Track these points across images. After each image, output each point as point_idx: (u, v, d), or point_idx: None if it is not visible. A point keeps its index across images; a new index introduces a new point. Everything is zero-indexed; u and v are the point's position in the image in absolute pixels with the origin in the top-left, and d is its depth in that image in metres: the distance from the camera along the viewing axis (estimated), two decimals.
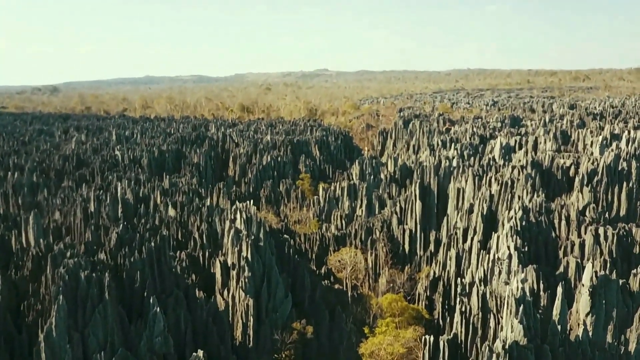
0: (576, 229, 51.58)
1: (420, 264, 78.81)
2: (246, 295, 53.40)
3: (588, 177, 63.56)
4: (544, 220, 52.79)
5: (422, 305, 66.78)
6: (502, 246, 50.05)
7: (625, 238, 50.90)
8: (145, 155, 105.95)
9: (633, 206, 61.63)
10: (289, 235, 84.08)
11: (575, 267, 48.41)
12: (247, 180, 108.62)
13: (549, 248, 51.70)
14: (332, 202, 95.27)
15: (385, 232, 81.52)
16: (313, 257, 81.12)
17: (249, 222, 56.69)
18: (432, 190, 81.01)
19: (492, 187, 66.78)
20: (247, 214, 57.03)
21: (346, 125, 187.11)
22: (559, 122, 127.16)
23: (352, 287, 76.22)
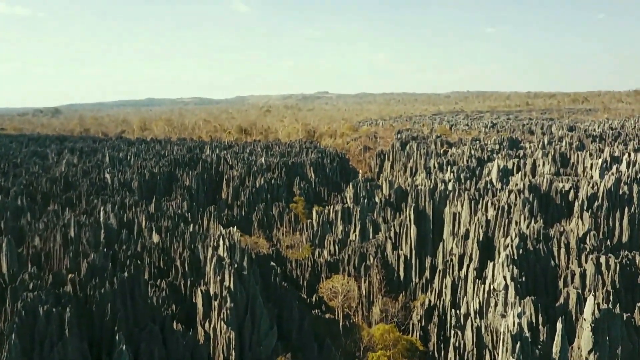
0: (576, 258, 48.64)
1: (415, 291, 75.60)
2: (228, 327, 50.27)
3: (588, 201, 60.82)
4: (543, 248, 49.89)
5: (416, 335, 63.43)
6: (498, 276, 47.09)
7: (628, 267, 47.92)
8: (136, 178, 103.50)
9: (636, 232, 58.73)
10: (280, 261, 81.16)
11: (576, 299, 45.33)
12: (239, 204, 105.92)
13: (548, 278, 48.69)
14: (326, 226, 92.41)
15: (380, 258, 78.49)
16: (304, 285, 77.99)
17: (232, 250, 53.82)
18: (428, 214, 78.17)
19: (488, 212, 63.98)
20: (231, 240, 54.20)
21: (343, 147, 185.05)
22: (558, 144, 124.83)
23: (345, 315, 72.96)
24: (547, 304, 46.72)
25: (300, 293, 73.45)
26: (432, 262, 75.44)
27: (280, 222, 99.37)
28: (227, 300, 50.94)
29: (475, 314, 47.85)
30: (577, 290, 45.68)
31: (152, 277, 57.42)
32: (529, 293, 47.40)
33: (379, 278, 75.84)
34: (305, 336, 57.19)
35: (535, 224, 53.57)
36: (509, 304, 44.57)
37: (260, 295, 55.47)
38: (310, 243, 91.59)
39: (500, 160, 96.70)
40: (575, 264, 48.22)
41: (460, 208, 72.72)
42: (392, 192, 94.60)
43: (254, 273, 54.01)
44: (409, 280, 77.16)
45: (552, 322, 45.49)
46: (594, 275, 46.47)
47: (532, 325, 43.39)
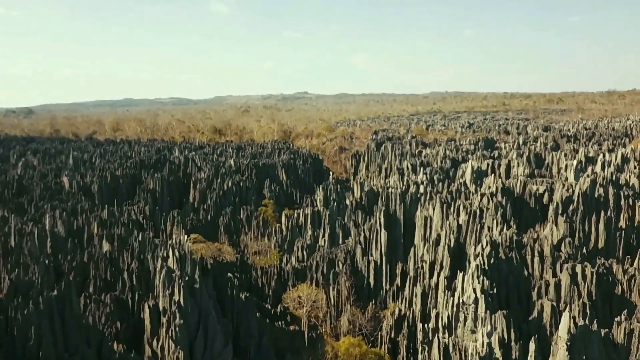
0: (551, 267, 45.23)
1: (386, 299, 71.84)
2: (177, 346, 45.70)
3: (563, 205, 57.68)
4: (515, 257, 46.39)
5: (385, 348, 59.62)
6: (467, 288, 43.40)
7: (605, 276, 44.66)
8: (96, 182, 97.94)
9: (612, 237, 55.70)
10: (245, 269, 76.72)
11: (550, 312, 41.85)
12: (206, 207, 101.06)
13: (522, 289, 45.19)
14: (295, 231, 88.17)
15: (349, 265, 74.58)
16: (270, 294, 73.70)
17: (182, 261, 49.26)
18: (398, 218, 74.49)
19: (460, 217, 60.46)
20: (181, 250, 49.64)
21: (319, 147, 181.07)
22: (533, 144, 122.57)
23: (311, 326, 68.82)
24: (521, 318, 43.20)
25: (264, 303, 69.15)
26: (404, 269, 71.76)
27: (248, 227, 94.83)
28: (177, 317, 46.38)
29: (443, 329, 44.10)
30: (552, 303, 42.24)
31: (98, 291, 52.52)
32: (501, 306, 43.82)
33: (347, 286, 71.93)
34: (264, 352, 52.92)
35: (507, 231, 50.09)
36: (479, 319, 40.91)
37: (216, 309, 51.04)
38: (278, 249, 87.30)
39: (475, 162, 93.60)
40: (550, 273, 44.81)
41: (431, 212, 69.17)
42: (363, 195, 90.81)
43: (206, 286, 49.50)
44: (380, 288, 73.40)
45: (526, 337, 41.98)
46: (570, 285, 43.08)
47: (503, 342, 39.78)
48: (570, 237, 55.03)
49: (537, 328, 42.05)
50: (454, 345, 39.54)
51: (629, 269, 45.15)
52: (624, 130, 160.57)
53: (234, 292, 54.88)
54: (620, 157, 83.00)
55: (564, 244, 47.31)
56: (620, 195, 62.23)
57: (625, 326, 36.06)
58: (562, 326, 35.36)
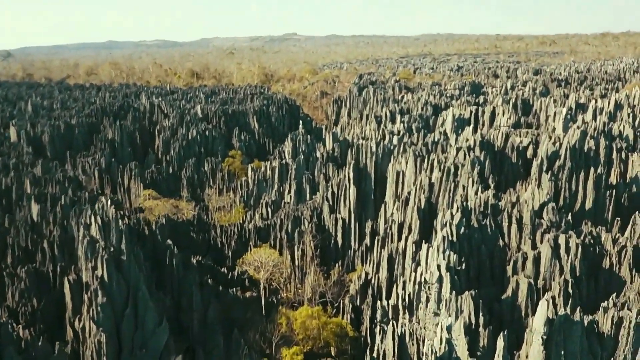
0: (530, 237, 38.67)
1: (354, 260, 65.91)
2: (98, 328, 39.44)
3: (548, 161, 50.73)
4: (490, 224, 39.70)
5: (347, 318, 54.00)
6: (432, 263, 36.90)
7: (592, 247, 38.24)
8: (48, 131, 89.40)
9: (601, 197, 49.12)
10: (203, 228, 70.13)
11: (527, 291, 35.66)
12: (169, 159, 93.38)
13: (495, 262, 38.80)
14: (262, 185, 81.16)
15: (315, 223, 68.13)
16: (229, 255, 67.52)
17: (106, 229, 42.22)
18: (369, 172, 67.43)
19: (433, 174, 53.45)
20: (104, 217, 42.50)
21: (299, 92, 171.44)
22: (521, 89, 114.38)
23: (273, 291, 63.07)
24: (492, 296, 37.01)
25: (221, 267, 62.97)
26: (374, 227, 65.45)
27: (212, 180, 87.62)
28: (99, 295, 39.86)
29: (404, 309, 37.94)
30: (529, 280, 35.96)
31: (18, 262, 45.73)
32: (470, 283, 37.52)
33: (312, 246, 65.73)
34: (209, 327, 47.03)
35: (482, 194, 43.18)
36: (444, 301, 34.63)
37: (149, 283, 44.59)
38: (243, 204, 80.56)
39: (457, 109, 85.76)
40: (529, 244, 38.30)
41: (404, 166, 62.06)
42: (336, 146, 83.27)
43: (136, 258, 42.71)
44: (348, 248, 67.30)
45: (497, 321, 35.92)
46: (551, 260, 36.67)
47: (470, 328, 33.68)
48: (555, 198, 48.40)
49: (510, 309, 35.98)
50: (410, 334, 33.43)
51: (619, 239, 38.74)
52: (617, 74, 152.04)
53: (173, 262, 48.31)
54: (614, 104, 75.49)
55: (547, 209, 40.60)
56: (613, 147, 55.28)
57: (614, 314, 29.85)
58: (538, 316, 29.08)
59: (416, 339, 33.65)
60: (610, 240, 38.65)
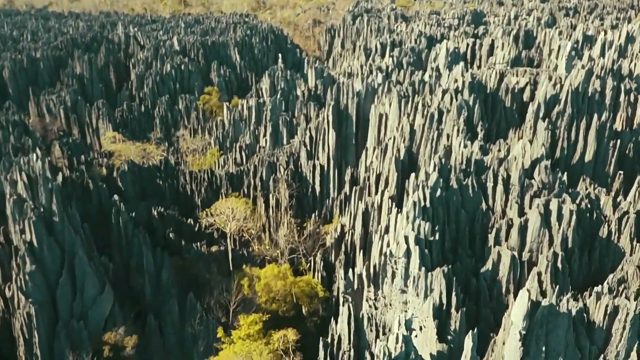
0: (517, 201, 33.10)
1: (332, 210, 60.93)
2: (27, 299, 34.96)
3: (546, 106, 44.20)
4: (473, 185, 34.01)
5: (318, 276, 49.73)
6: (401, 232, 31.61)
7: (588, 213, 32.79)
8: (8, 66, 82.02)
9: (604, 149, 43.10)
10: (171, 174, 64.70)
11: (510, 265, 30.61)
12: (142, 95, 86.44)
13: (477, 229, 33.55)
14: (238, 126, 74.81)
15: (292, 170, 62.57)
16: (199, 203, 62.53)
17: (34, 187, 36.76)
18: (350, 115, 61.01)
19: (416, 120, 47.20)
20: (32, 172, 36.91)
21: (290, 21, 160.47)
22: (525, 18, 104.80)
23: (243, 243, 58.61)
24: (470, 270, 32.05)
25: (187, 218, 58.15)
26: (354, 175, 59.97)
27: (187, 120, 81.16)
28: (27, 263, 35.08)
29: (369, 282, 33.10)
30: (513, 253, 30.82)
31: None
32: (445, 255, 32.41)
33: (286, 196, 60.57)
34: (163, 291, 42.72)
35: (465, 149, 37.12)
36: (411, 277, 29.64)
37: (89, 245, 39.73)
38: (219, 147, 74.65)
39: (452, 41, 77.63)
40: (515, 210, 32.79)
41: (387, 108, 55.56)
42: (319, 83, 76.04)
43: (72, 219, 37.52)
44: (326, 197, 62.17)
45: (475, 297, 31.16)
46: (539, 229, 31.32)
47: (441, 310, 28.93)
48: (552, 149, 42.40)
49: (489, 285, 31.11)
50: (369, 319, 28.71)
51: (620, 203, 33.15)
52: (630, 1, 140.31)
53: (120, 219, 43.14)
54: (625, 36, 67.38)
55: (539, 168, 34.66)
56: (621, 89, 48.44)
57: (608, 303, 24.83)
58: (517, 308, 24.08)
59: (375, 326, 29.00)
60: (610, 205, 33.11)
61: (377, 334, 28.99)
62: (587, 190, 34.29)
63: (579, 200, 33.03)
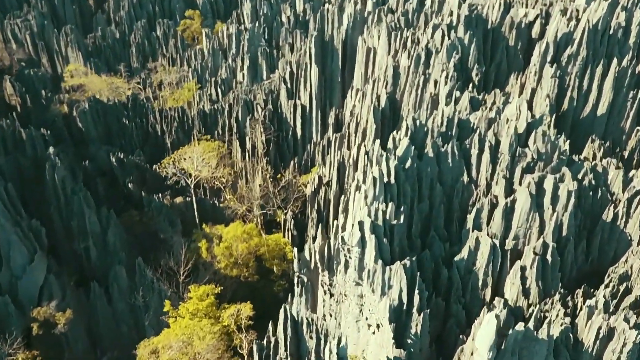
0: (506, 174, 26.85)
1: (314, 157, 54.86)
2: None
3: (556, 47, 36.43)
4: (453, 153, 27.68)
5: (288, 235, 44.82)
6: (359, 212, 25.87)
7: (592, 191, 26.60)
8: None
9: (621, 100, 35.85)
10: (140, 112, 58.52)
11: (489, 255, 25.08)
12: (118, 19, 78.34)
13: (455, 206, 27.68)
14: (218, 56, 67.29)
15: (270, 110, 55.97)
16: (168, 146, 56.84)
17: None
18: (336, 48, 53.34)
19: (401, 60, 39.92)
20: None
21: None
22: None
23: (215, 192, 53.44)
24: (442, 258, 26.61)
25: (151, 165, 52.78)
26: (339, 118, 53.37)
27: (165, 48, 73.52)
28: None
29: (322, 265, 27.92)
30: (493, 241, 25.16)
31: None
32: (412, 241, 26.81)
33: (263, 140, 54.50)
34: (110, 256, 38.24)
35: (447, 107, 30.27)
36: (366, 270, 24.33)
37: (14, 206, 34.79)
38: (197, 80, 67.65)
39: None
40: (502, 186, 26.66)
41: (376, 42, 47.82)
42: (307, 7, 67.15)
43: None
44: (308, 140, 55.95)
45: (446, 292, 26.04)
46: (529, 212, 25.38)
47: (400, 311, 23.86)
48: (558, 101, 35.35)
49: (464, 278, 25.78)
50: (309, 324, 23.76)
51: (633, 179, 26.79)
52: None
53: (54, 171, 37.66)
54: None
55: (535, 135, 27.90)
56: None
57: (602, 325, 19.41)
58: (482, 335, 18.75)
59: (316, 332, 24.12)
60: (619, 181, 26.76)
61: (318, 342, 24.25)
62: (594, 161, 27.76)
63: (581, 175, 26.71)
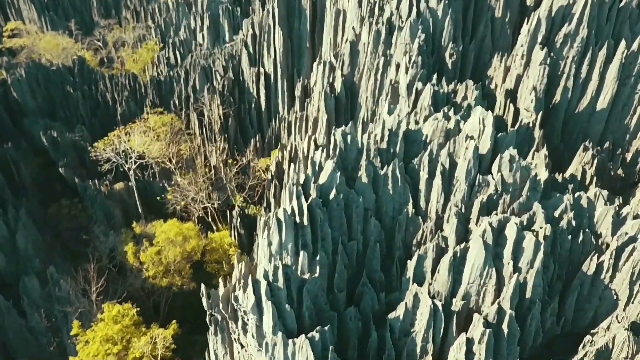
0: (461, 208, 20.38)
1: (280, 134, 48.13)
2: None
3: (550, 25, 28.67)
4: (395, 177, 21.14)
5: (234, 233, 39.09)
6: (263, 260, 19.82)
7: (572, 233, 20.28)
8: None
9: (627, 92, 28.49)
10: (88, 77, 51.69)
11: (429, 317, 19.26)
12: None
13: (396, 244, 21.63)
14: (184, 11, 59.25)
15: (231, 79, 48.79)
16: (118, 117, 50.30)
17: None
18: (304, 8, 45.52)
19: (361, 35, 32.61)
20: None
21: None
22: None
23: (165, 173, 47.30)
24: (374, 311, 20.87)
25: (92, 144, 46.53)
26: (307, 89, 46.18)
27: (126, 9, 65.13)
28: None
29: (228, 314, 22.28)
30: (434, 302, 19.19)
31: None
32: (333, 299, 20.91)
33: (220, 114, 47.78)
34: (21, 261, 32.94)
35: (390, 116, 23.34)
36: (266, 338, 18.62)
37: None
38: (160, 38, 60.03)
39: None
40: (453, 225, 20.26)
41: (346, 4, 39.99)
42: None
43: None
44: (273, 115, 49.09)
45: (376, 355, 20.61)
46: (483, 266, 19.25)
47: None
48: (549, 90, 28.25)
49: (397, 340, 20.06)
50: None
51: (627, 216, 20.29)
52: None
53: None
54: None
55: (501, 159, 21.00)
56: None
57: None
58: None
59: None
60: (609, 220, 20.29)
61: None
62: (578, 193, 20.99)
63: (559, 213, 20.24)
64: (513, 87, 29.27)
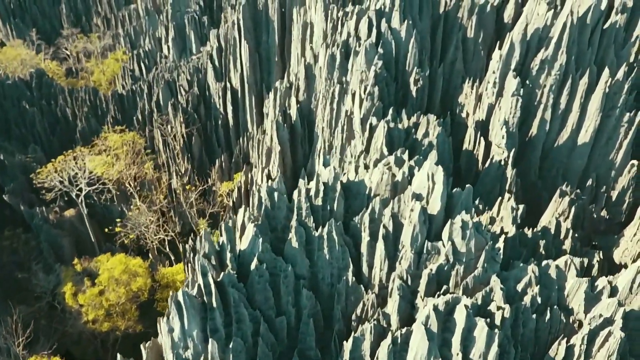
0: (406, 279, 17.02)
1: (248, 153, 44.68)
2: None
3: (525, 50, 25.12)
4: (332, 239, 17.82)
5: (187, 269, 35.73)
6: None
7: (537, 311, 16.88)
8: None
9: (612, 125, 25.03)
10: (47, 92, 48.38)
11: None
12: None
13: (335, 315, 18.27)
14: (154, 19, 55.79)
15: (196, 94, 45.35)
16: (77, 135, 46.99)
17: None
18: (271, 19, 42.09)
19: (319, 57, 29.26)
20: None
21: None
22: None
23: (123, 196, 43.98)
24: None
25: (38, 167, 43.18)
26: None
27: (99, 5, 61.79)
28: None
29: None
30: None
31: None
32: None
33: (183, 133, 44.43)
34: None
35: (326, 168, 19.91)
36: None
37: None
38: (130, 47, 56.57)
39: None
40: (395, 303, 16.91)
41: (313, 16, 36.54)
42: None
43: None
44: (240, 132, 45.65)
45: None
46: (427, 356, 15.87)
47: None
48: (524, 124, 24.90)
49: None
50: None
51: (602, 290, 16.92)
52: None
53: None
54: None
55: (452, 224, 17.59)
56: None
57: None
58: None
59: None
60: (581, 295, 16.94)
61: None
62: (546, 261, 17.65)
63: (522, 286, 16.91)
64: (485, 118, 25.90)
